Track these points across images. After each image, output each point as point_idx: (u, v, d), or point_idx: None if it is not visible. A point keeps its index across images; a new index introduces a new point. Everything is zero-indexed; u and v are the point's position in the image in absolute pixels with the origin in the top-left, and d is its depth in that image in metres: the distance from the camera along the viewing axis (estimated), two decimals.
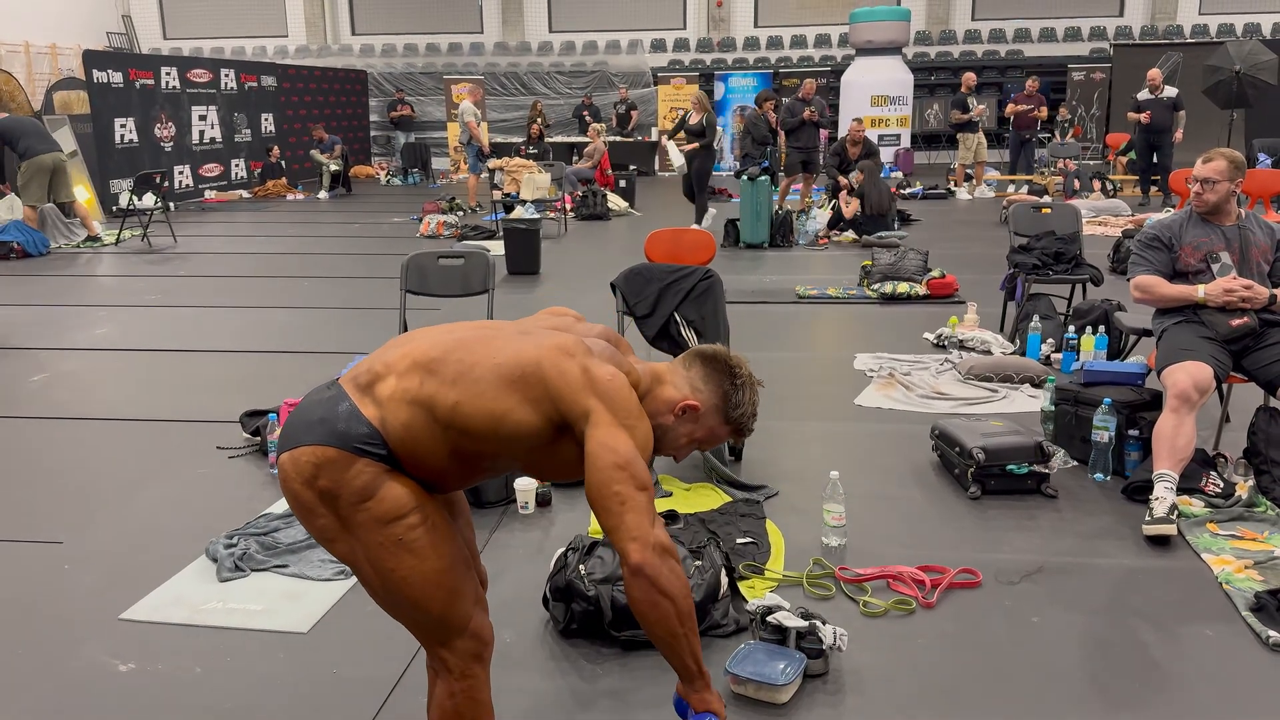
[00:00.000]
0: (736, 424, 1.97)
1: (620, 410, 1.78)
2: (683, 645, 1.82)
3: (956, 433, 3.87)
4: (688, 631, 1.82)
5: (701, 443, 1.99)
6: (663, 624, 1.78)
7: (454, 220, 11.46)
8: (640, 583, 1.75)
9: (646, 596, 1.76)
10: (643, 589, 1.75)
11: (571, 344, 1.84)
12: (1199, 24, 20.20)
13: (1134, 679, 2.57)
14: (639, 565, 1.74)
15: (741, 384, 1.95)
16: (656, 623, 1.79)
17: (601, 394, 1.78)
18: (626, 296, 4.30)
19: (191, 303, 7.78)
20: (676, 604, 1.78)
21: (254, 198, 16.15)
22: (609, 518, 1.76)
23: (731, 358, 1.98)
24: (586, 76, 21.00)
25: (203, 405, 5.04)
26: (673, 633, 1.80)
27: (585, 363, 1.81)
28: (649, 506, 1.77)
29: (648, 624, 1.79)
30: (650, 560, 1.74)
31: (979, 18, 21.10)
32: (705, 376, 1.95)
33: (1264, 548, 3.23)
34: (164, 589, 3.13)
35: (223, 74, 16.28)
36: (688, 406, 1.92)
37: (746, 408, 1.96)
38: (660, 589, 1.75)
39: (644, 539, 1.74)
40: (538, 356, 1.80)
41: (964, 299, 6.98)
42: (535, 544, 3.42)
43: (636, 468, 1.76)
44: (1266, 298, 3.63)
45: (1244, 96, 12.34)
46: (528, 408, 1.77)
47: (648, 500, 1.77)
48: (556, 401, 1.77)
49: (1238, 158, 3.73)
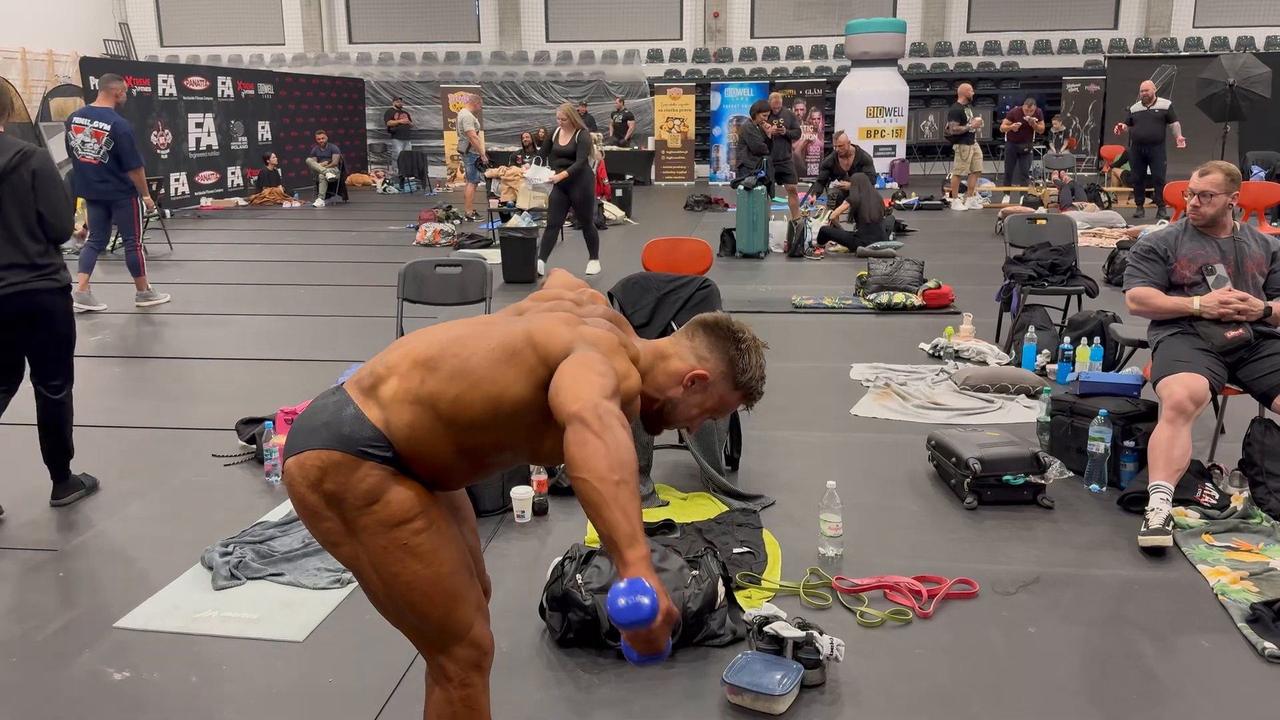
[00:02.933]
0: (746, 388, 1.94)
1: (600, 346, 1.76)
2: (613, 496, 1.48)
3: (953, 443, 3.87)
4: (621, 481, 1.49)
5: (713, 411, 1.96)
6: (589, 463, 1.49)
7: (450, 229, 11.47)
8: (575, 427, 1.54)
9: (577, 437, 1.52)
10: (576, 431, 1.53)
11: (565, 317, 1.84)
12: (1193, 37, 20.32)
13: (1130, 690, 2.58)
14: (577, 412, 1.55)
15: (746, 348, 1.93)
16: (583, 463, 1.49)
17: (588, 341, 1.77)
18: (624, 305, 4.30)
19: (186, 310, 7.77)
20: (609, 446, 1.51)
21: (250, 205, 16.14)
22: (557, 394, 1.62)
23: (734, 323, 1.95)
24: (583, 86, 21.05)
25: (197, 413, 5.03)
26: (599, 475, 1.48)
27: (578, 328, 1.81)
28: (604, 386, 1.62)
29: (573, 468, 1.51)
30: (590, 410, 1.55)
31: (974, 29, 21.20)
32: (710, 345, 1.92)
33: (1259, 559, 3.24)
34: (159, 597, 3.12)
35: (220, 81, 16.29)
36: (696, 376, 1.90)
37: (754, 371, 1.93)
38: (595, 430, 1.52)
39: (587, 399, 1.58)
40: (527, 328, 1.80)
41: (959, 309, 7.00)
42: (532, 553, 3.42)
43: (600, 364, 1.68)
44: (1261, 310, 3.64)
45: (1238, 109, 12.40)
46: (524, 380, 1.75)
47: (605, 383, 1.64)
48: (546, 360, 1.74)
49: (1234, 171, 3.75)
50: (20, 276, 3.60)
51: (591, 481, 1.49)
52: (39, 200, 3.62)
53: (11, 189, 3.57)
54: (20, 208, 3.59)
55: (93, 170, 7.51)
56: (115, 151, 7.46)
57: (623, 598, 1.43)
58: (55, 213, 3.67)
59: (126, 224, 7.74)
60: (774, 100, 12.00)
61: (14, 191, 3.58)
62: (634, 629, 1.45)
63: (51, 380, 3.79)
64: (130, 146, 7.52)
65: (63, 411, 3.84)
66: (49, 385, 3.79)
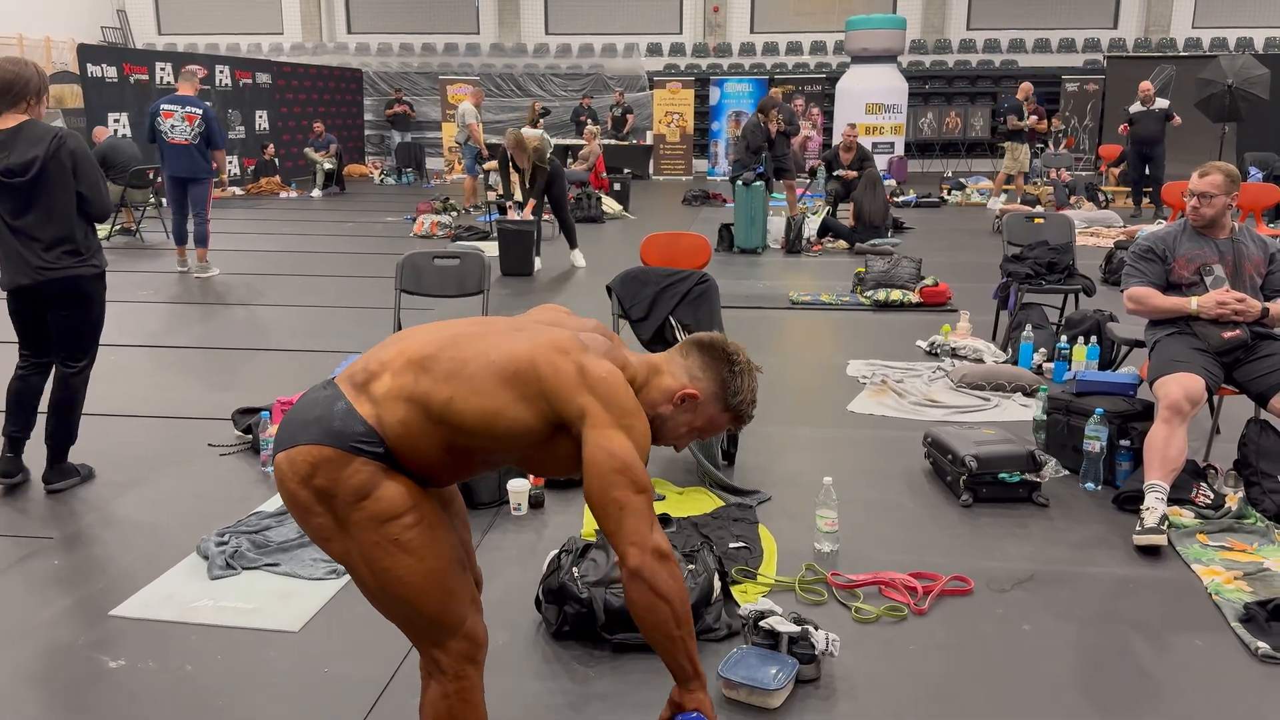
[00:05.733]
0: (736, 410, 1.97)
1: (617, 409, 1.78)
2: (679, 648, 1.86)
3: (949, 440, 3.88)
4: (684, 634, 1.85)
5: (702, 431, 1.99)
6: (660, 627, 1.82)
7: (448, 221, 11.45)
8: (638, 586, 1.78)
9: (644, 600, 1.79)
10: (640, 592, 1.78)
11: (566, 340, 1.84)
12: (1192, 37, 20.32)
13: (1124, 688, 2.58)
14: (637, 568, 1.77)
15: (739, 370, 1.95)
16: (654, 626, 1.82)
17: (598, 392, 1.78)
18: (622, 299, 4.30)
19: (183, 299, 7.76)
20: (674, 607, 1.80)
21: (247, 195, 16.10)
22: (608, 522, 1.78)
23: (729, 345, 1.98)
24: (582, 79, 21.01)
25: (194, 402, 5.02)
26: (669, 635, 1.83)
27: (580, 359, 1.81)
28: (648, 510, 1.78)
29: (645, 627, 1.82)
30: (649, 564, 1.77)
31: (974, 27, 21.18)
32: (703, 364, 1.95)
33: (1253, 559, 3.25)
34: (154, 586, 3.12)
35: (218, 70, 16.23)
36: (687, 395, 1.92)
37: (746, 394, 1.96)
38: (658, 592, 1.78)
39: (643, 543, 1.77)
40: (531, 353, 1.80)
41: (957, 307, 7.01)
42: (528, 546, 3.42)
43: (635, 471, 1.77)
44: (1259, 311, 3.65)
45: (1236, 110, 12.41)
46: (522, 405, 1.77)
47: (646, 503, 1.78)
48: (551, 400, 1.78)
49: (1233, 172, 3.75)
50: (67, 261, 3.70)
51: (660, 640, 1.84)
52: (80, 181, 3.70)
53: (54, 173, 3.64)
54: (65, 191, 3.67)
55: (184, 151, 8.44)
56: (206, 133, 8.44)
57: None
58: (96, 192, 3.76)
59: (203, 200, 8.61)
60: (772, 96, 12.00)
61: (57, 175, 3.64)
62: None
63: (74, 359, 3.86)
64: (219, 128, 8.64)
65: (76, 393, 3.89)
66: (71, 364, 3.86)
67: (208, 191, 8.66)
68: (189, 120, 8.40)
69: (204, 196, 8.61)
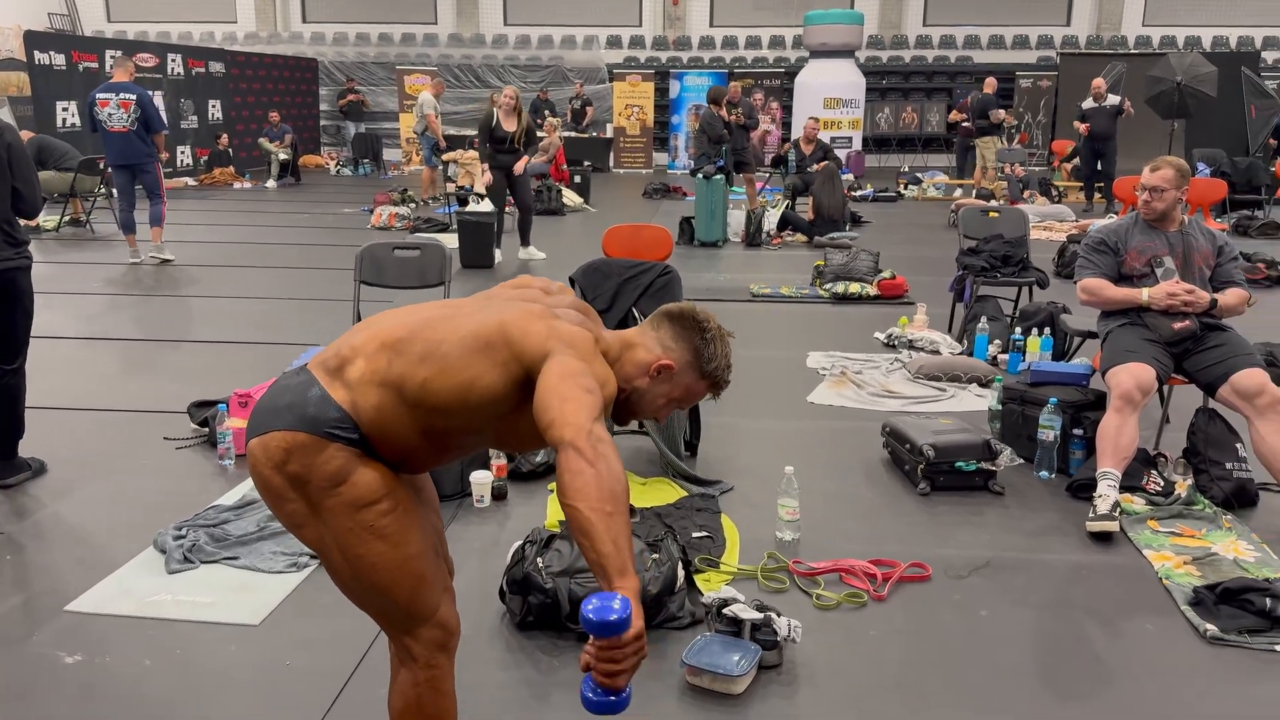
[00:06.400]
0: (712, 377, 1.95)
1: (578, 350, 1.76)
2: (607, 527, 1.53)
3: (907, 430, 3.93)
4: (614, 512, 1.54)
5: (680, 401, 1.97)
6: (583, 493, 1.53)
7: (406, 212, 11.36)
8: (568, 454, 1.57)
9: (570, 466, 1.56)
10: (569, 459, 1.57)
11: (538, 310, 1.84)
12: (1142, 35, 20.70)
13: (1079, 672, 2.64)
14: (570, 439, 1.58)
15: (712, 337, 1.93)
16: (577, 492, 1.54)
17: (564, 341, 1.76)
18: (585, 291, 4.30)
19: (136, 290, 7.62)
20: (602, 476, 1.55)
21: (200, 185, 15.84)
22: (546, 413, 1.64)
23: (699, 312, 1.96)
24: (541, 71, 20.92)
25: (148, 395, 4.94)
26: (592, 506, 1.53)
27: (551, 322, 1.80)
28: (593, 405, 1.65)
29: (566, 496, 1.55)
30: (583, 438, 1.58)
31: (930, 23, 21.40)
32: (675, 335, 1.93)
33: (1202, 544, 3.33)
34: (111, 580, 3.07)
35: (169, 59, 15.95)
36: (663, 366, 1.90)
37: (720, 360, 1.94)
38: (588, 458, 1.56)
39: (580, 424, 1.60)
40: (501, 320, 1.79)
41: (913, 300, 7.09)
42: (490, 537, 3.41)
43: (585, 378, 1.69)
44: (1207, 302, 3.73)
45: (1185, 107, 12.64)
46: (495, 371, 1.75)
47: (593, 401, 1.66)
48: (520, 357, 1.75)
49: (1184, 166, 3.84)
50: (8, 252, 3.64)
51: (584, 511, 1.53)
52: (15, 176, 3.66)
53: None
54: (2, 183, 3.61)
55: (123, 138, 8.41)
56: (143, 118, 8.40)
57: (597, 599, 1.47)
58: (30, 187, 3.71)
59: (154, 185, 8.65)
60: (733, 90, 12.03)
61: None
62: (604, 633, 1.47)
63: (10, 356, 3.79)
64: (156, 112, 8.61)
65: (16, 388, 3.82)
66: (6, 361, 3.78)
67: (158, 175, 8.69)
68: (124, 107, 8.37)
69: (155, 181, 8.64)
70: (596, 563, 1.54)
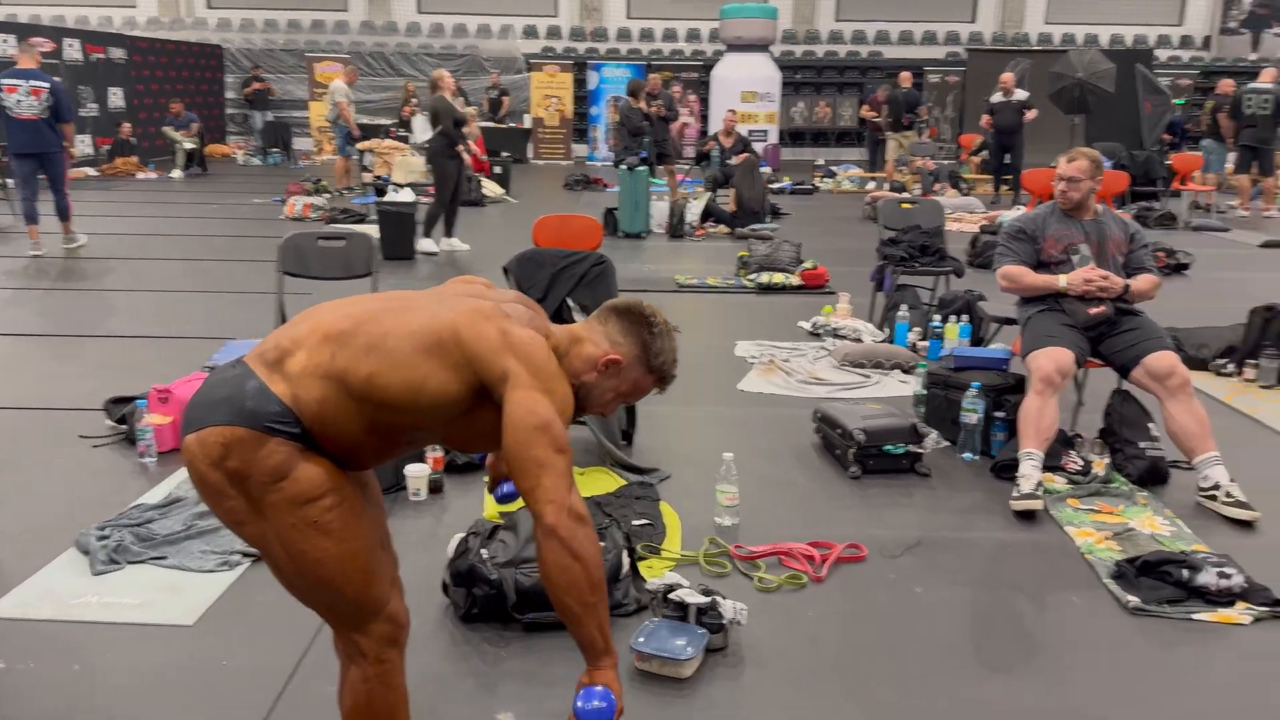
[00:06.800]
0: (659, 372, 1.97)
1: (539, 373, 1.77)
2: (591, 616, 1.75)
3: (838, 415, 4.01)
4: (598, 602, 1.75)
5: (627, 396, 1.99)
6: (572, 590, 1.72)
7: (321, 203, 11.10)
8: (553, 545, 1.71)
9: (558, 559, 1.71)
10: (555, 551, 1.71)
11: (488, 308, 1.83)
12: (1045, 32, 21.38)
13: (1010, 646, 2.74)
14: (554, 526, 1.70)
15: (659, 332, 1.95)
16: (566, 588, 1.72)
17: (520, 355, 1.76)
18: (519, 281, 4.27)
19: (40, 283, 7.30)
20: (588, 570, 1.73)
21: (102, 175, 15.23)
22: (526, 479, 1.73)
23: (646, 307, 1.98)
24: (456, 60, 20.62)
25: (59, 392, 4.75)
26: (582, 601, 1.73)
27: (502, 325, 1.79)
28: (567, 470, 1.75)
29: (557, 590, 1.73)
30: (565, 522, 1.71)
31: (842, 18, 21.75)
32: (623, 329, 1.94)
33: (1120, 520, 3.48)
34: (31, 583, 2.95)
35: (66, 44, 15.28)
36: (610, 361, 1.91)
37: (667, 355, 1.96)
38: (573, 552, 1.71)
39: (560, 502, 1.71)
40: (453, 320, 1.77)
41: (835, 289, 7.21)
42: (428, 531, 3.38)
43: (555, 430, 1.74)
44: (1121, 288, 3.89)
45: (1085, 103, 13.10)
46: (447, 374, 1.74)
47: (566, 464, 1.75)
48: (474, 364, 1.75)
49: (1098, 157, 4.00)
50: None
51: (573, 606, 1.74)
52: None
53: None
54: None
55: (32, 126, 8.19)
56: (55, 107, 8.22)
57: (598, 700, 1.74)
58: None
59: (60, 175, 8.42)
60: (653, 82, 12.06)
61: None
62: None
63: None
64: (69, 101, 8.48)
65: None
66: None
67: (64, 166, 8.50)
68: (35, 94, 8.17)
69: (60, 172, 8.44)
70: (583, 645, 1.78)
